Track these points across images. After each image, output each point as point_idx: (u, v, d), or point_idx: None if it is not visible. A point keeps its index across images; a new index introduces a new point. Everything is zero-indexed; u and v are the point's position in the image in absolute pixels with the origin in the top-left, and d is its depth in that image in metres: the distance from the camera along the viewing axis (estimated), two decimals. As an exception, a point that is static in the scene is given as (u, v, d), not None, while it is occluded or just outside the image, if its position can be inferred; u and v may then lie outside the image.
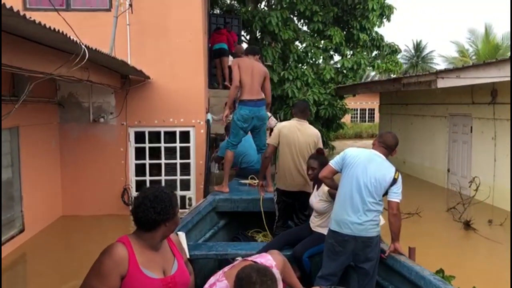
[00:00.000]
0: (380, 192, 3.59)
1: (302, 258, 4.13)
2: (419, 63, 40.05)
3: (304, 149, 4.82)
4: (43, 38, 3.50)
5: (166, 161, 8.71)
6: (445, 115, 11.56)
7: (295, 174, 4.84)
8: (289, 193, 4.88)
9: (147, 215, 2.16)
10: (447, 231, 7.92)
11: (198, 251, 4.14)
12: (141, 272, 2.14)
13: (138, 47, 8.24)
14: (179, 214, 2.36)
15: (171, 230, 2.30)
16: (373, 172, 3.59)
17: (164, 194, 2.22)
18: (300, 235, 4.36)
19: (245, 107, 5.52)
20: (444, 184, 11.52)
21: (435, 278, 3.13)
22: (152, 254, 2.22)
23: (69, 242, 7.39)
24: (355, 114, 33.05)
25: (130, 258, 2.13)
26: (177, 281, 2.26)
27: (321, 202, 4.19)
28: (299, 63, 14.87)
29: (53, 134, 8.16)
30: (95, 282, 2.08)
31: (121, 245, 2.15)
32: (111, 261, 2.09)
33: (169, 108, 8.44)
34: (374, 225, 3.61)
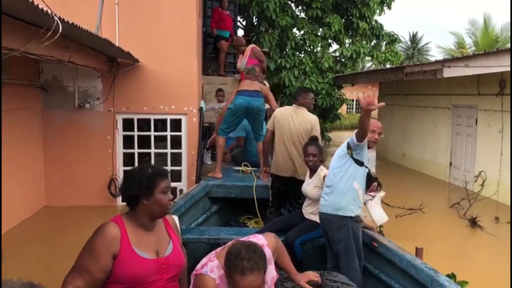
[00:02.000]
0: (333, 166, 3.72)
1: (294, 245, 4.15)
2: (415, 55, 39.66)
3: (294, 135, 4.86)
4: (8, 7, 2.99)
5: (156, 151, 8.21)
6: (448, 107, 11.12)
7: (286, 160, 4.89)
8: (281, 178, 4.94)
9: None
10: (453, 229, 7.52)
11: (191, 235, 4.19)
12: (133, 251, 2.13)
13: (127, 28, 7.69)
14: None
15: (154, 210, 2.23)
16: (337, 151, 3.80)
17: (140, 170, 2.27)
18: (293, 222, 4.40)
19: (240, 96, 5.69)
20: (445, 178, 11.11)
21: (427, 267, 3.11)
22: (145, 234, 2.21)
23: (51, 235, 6.86)
24: (351, 104, 32.59)
25: (122, 237, 2.13)
26: (171, 262, 2.25)
27: (315, 189, 4.20)
28: (296, 51, 14.37)
29: (35, 120, 7.64)
30: (87, 261, 2.08)
31: (114, 224, 2.15)
32: (103, 240, 2.09)
33: (159, 94, 7.92)
34: (336, 208, 3.64)
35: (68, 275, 2.11)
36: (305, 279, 2.79)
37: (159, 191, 2.22)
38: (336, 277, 2.96)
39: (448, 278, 2.99)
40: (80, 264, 2.10)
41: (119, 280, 2.12)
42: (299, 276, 2.79)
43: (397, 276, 3.48)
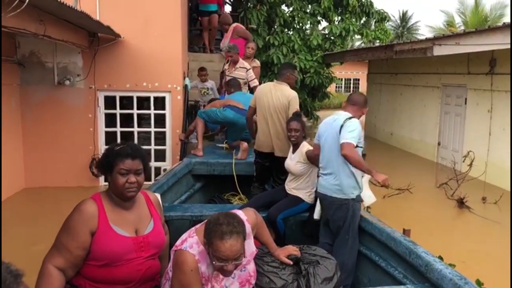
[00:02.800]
0: (337, 148, 3.61)
1: (277, 220, 4.17)
2: (404, 34, 39.44)
3: (272, 111, 4.79)
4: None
5: (139, 129, 7.99)
6: (437, 86, 10.98)
7: (266, 135, 4.87)
8: (262, 154, 4.95)
9: (97, 164, 2.29)
10: (441, 209, 7.44)
11: (173, 212, 4.14)
12: (111, 229, 2.13)
13: (108, 2, 7.38)
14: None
15: (114, 190, 2.23)
16: (330, 130, 3.73)
17: (116, 145, 2.25)
18: (275, 198, 4.41)
19: (231, 110, 5.69)
20: (433, 158, 11.05)
21: (405, 239, 3.16)
22: (123, 213, 2.21)
23: (31, 216, 6.64)
24: (340, 84, 32.38)
25: (100, 214, 2.13)
26: (150, 241, 2.25)
27: (298, 164, 4.24)
28: (285, 28, 14.08)
29: (12, 97, 7.33)
30: (65, 239, 2.08)
31: (92, 201, 2.15)
32: (80, 217, 2.09)
33: (142, 71, 7.66)
34: (337, 189, 3.66)
35: (47, 254, 2.10)
36: (284, 253, 2.80)
37: (116, 172, 2.19)
38: (315, 251, 2.98)
39: (426, 250, 2.99)
40: (58, 242, 2.10)
41: (97, 257, 2.12)
42: (278, 250, 2.80)
43: (377, 249, 3.52)
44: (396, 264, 3.26)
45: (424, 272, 2.84)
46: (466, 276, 2.63)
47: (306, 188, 4.30)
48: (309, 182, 4.32)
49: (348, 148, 3.47)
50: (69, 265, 2.08)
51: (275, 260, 2.76)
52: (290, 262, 2.76)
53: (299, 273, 2.78)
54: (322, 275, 2.74)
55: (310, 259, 2.87)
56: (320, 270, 2.77)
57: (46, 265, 2.06)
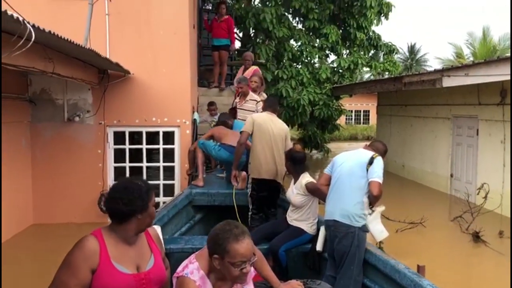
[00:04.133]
0: (355, 176, 3.68)
1: (279, 252, 4.15)
2: (413, 66, 39.63)
3: (278, 140, 5.00)
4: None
5: (148, 164, 7.97)
6: (448, 117, 10.90)
7: (270, 162, 4.95)
8: (263, 181, 4.97)
9: (116, 207, 2.12)
10: (455, 244, 7.24)
11: (174, 245, 4.10)
12: (112, 266, 2.08)
13: (118, 39, 7.50)
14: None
15: (146, 223, 2.23)
16: (351, 159, 3.82)
17: (134, 185, 2.18)
18: (277, 229, 4.40)
19: (225, 150, 5.77)
20: (446, 190, 10.85)
21: (410, 271, 3.11)
22: (125, 248, 2.17)
23: (38, 253, 6.56)
24: (350, 115, 32.42)
25: (101, 251, 2.07)
26: (152, 277, 2.21)
27: (298, 196, 4.25)
28: (293, 62, 14.26)
29: (23, 134, 7.40)
30: (65, 276, 2.02)
31: (93, 237, 2.09)
32: (81, 254, 2.03)
33: (151, 106, 7.70)
34: (344, 214, 3.65)
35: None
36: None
37: (152, 204, 2.23)
38: (320, 285, 2.94)
39: (431, 283, 2.92)
40: (58, 279, 2.04)
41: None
42: (281, 285, 2.75)
43: (381, 282, 3.48)
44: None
45: None
46: None
47: (308, 219, 4.25)
48: (311, 213, 4.26)
49: (380, 188, 3.65)
50: None
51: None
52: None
53: None
54: (325, 310, 2.66)
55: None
56: None
57: None
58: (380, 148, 3.99)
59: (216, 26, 10.30)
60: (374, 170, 3.66)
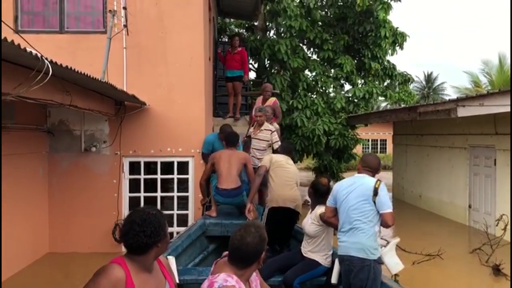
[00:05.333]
0: (364, 207, 3.66)
1: (293, 285, 4.12)
2: (430, 94, 39.51)
3: (293, 177, 5.29)
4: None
5: (162, 194, 8.02)
6: (464, 146, 10.78)
7: (288, 193, 5.14)
8: (280, 210, 5.07)
9: (138, 240, 2.12)
10: (475, 277, 7.05)
11: (188, 276, 4.08)
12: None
13: (135, 71, 7.69)
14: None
15: (163, 250, 2.28)
16: (354, 191, 3.75)
17: (152, 216, 2.19)
18: (291, 261, 4.39)
19: (218, 195, 5.99)
20: (465, 221, 10.63)
21: None
22: (146, 276, 2.18)
23: (53, 282, 6.59)
24: (367, 144, 32.25)
25: (127, 280, 2.07)
26: None
27: (312, 226, 4.28)
28: (308, 92, 14.32)
29: (41, 164, 7.54)
30: None
31: (118, 266, 2.09)
32: (108, 283, 2.02)
33: (166, 136, 7.81)
34: (359, 248, 3.62)
35: None
36: None
37: (167, 231, 2.29)
38: None
39: None
40: None
41: None
42: None
43: None
44: None
45: None
46: None
47: (323, 251, 4.21)
48: (325, 245, 4.22)
49: (393, 218, 3.71)
50: None
51: None
52: None
53: None
54: None
55: None
56: None
57: None
58: (373, 164, 3.95)
59: (230, 58, 10.50)
60: (382, 201, 3.67)
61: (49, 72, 3.20)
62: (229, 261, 2.37)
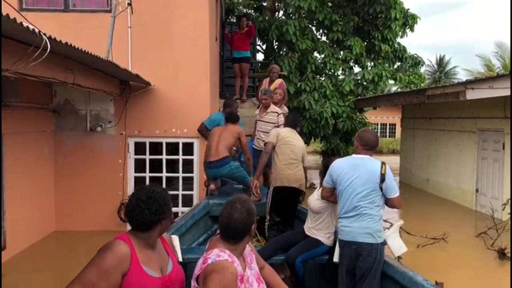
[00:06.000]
0: (371, 194, 3.61)
1: (295, 263, 4.13)
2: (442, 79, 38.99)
3: (299, 153, 5.21)
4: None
5: (167, 175, 8.03)
6: (473, 130, 10.64)
7: (293, 172, 5.09)
8: (285, 190, 5.05)
9: (143, 217, 2.16)
10: (479, 260, 7.01)
11: (191, 255, 4.06)
12: (142, 270, 2.12)
13: (140, 51, 7.64)
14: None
15: (167, 227, 2.32)
16: (359, 177, 3.64)
17: (157, 193, 2.22)
18: (294, 240, 4.37)
19: (208, 169, 6.14)
20: (472, 206, 10.55)
21: (428, 284, 3.07)
22: (150, 253, 2.21)
23: (59, 260, 6.66)
24: (375, 128, 32.05)
25: (132, 256, 2.10)
26: (174, 279, 2.28)
27: (317, 202, 4.24)
28: (317, 74, 14.21)
29: (46, 143, 7.58)
30: (95, 277, 2.01)
31: (123, 242, 2.12)
32: (114, 258, 2.05)
33: (171, 117, 7.79)
34: (367, 233, 3.58)
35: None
36: None
37: (171, 209, 2.32)
38: None
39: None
40: (86, 280, 2.02)
41: None
42: None
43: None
44: None
45: None
46: None
47: (326, 229, 4.19)
48: (329, 223, 4.21)
49: (400, 201, 3.72)
50: None
51: None
52: None
53: None
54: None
55: None
56: None
57: None
58: (373, 142, 3.81)
59: (237, 39, 10.39)
60: (390, 187, 3.63)
61: (47, 48, 3.17)
62: (221, 238, 2.39)
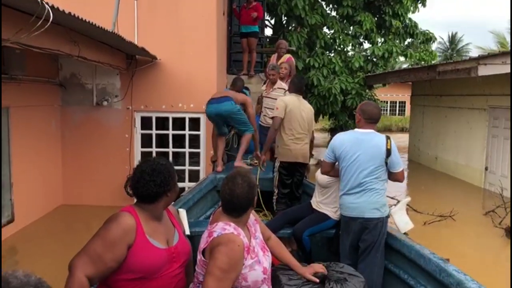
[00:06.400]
0: (377, 170, 3.56)
1: (302, 237, 4.12)
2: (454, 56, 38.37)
3: (306, 123, 5.08)
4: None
5: (174, 150, 8.02)
6: (484, 108, 10.47)
7: (299, 146, 5.03)
8: (292, 165, 5.02)
9: (148, 189, 2.16)
10: (486, 238, 6.98)
11: (199, 228, 4.00)
12: (148, 242, 2.12)
13: (146, 24, 7.55)
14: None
15: (172, 199, 2.32)
16: (365, 154, 3.57)
17: (162, 166, 2.22)
18: (301, 214, 4.36)
19: (209, 105, 5.79)
20: (480, 184, 10.47)
21: (435, 257, 3.03)
22: (156, 225, 2.21)
23: (65, 233, 6.75)
24: (385, 106, 31.76)
25: (137, 227, 2.11)
26: (180, 251, 2.27)
27: (325, 176, 4.17)
28: (326, 50, 13.98)
29: (53, 117, 7.58)
30: (101, 250, 2.01)
31: (128, 214, 2.12)
32: (119, 230, 2.05)
33: (178, 92, 7.74)
34: (373, 208, 3.55)
35: (77, 260, 2.00)
36: (310, 271, 2.67)
37: (176, 181, 2.32)
38: (343, 268, 2.85)
39: (457, 268, 2.83)
40: (92, 252, 2.02)
41: (134, 270, 2.09)
42: (303, 268, 2.69)
43: (405, 267, 3.42)
44: (425, 282, 3.13)
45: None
46: None
47: (333, 204, 4.17)
48: (336, 198, 4.18)
49: (404, 175, 3.73)
50: (99, 276, 2.04)
51: (301, 277, 2.65)
52: (316, 280, 2.62)
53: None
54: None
55: (338, 276, 2.72)
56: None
57: (78, 274, 1.97)
58: (376, 115, 3.73)
59: (245, 14, 10.20)
60: (395, 161, 3.59)
61: (50, 18, 3.11)
62: (223, 211, 2.37)
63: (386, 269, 3.61)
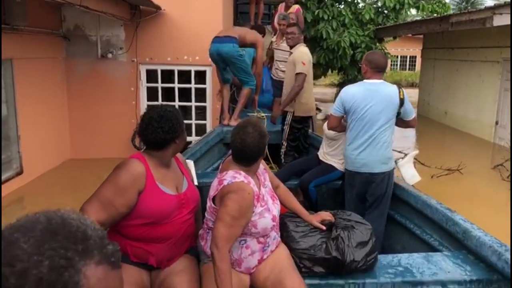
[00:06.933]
0: (387, 123, 3.49)
1: (309, 188, 4.13)
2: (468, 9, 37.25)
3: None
4: None
5: (180, 103, 7.96)
6: (498, 60, 10.20)
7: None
8: (304, 118, 5.05)
9: (156, 135, 2.17)
10: (493, 191, 6.95)
11: (206, 179, 4.00)
12: (158, 188, 2.16)
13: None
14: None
15: (181, 146, 2.33)
16: (377, 105, 3.45)
17: (169, 112, 2.22)
18: (308, 166, 4.37)
19: (212, 44, 5.58)
20: (490, 138, 10.35)
21: (442, 206, 3.04)
22: (165, 171, 2.24)
23: (73, 186, 6.83)
24: (395, 61, 31.18)
25: (147, 174, 2.13)
26: (189, 197, 2.30)
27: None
28: (335, 2, 13.57)
29: (59, 69, 7.51)
30: (112, 195, 2.05)
31: (138, 161, 2.14)
32: (129, 176, 2.08)
33: (183, 44, 7.59)
34: (382, 162, 3.50)
35: (88, 205, 2.05)
36: (317, 219, 2.67)
37: (184, 128, 2.32)
38: (350, 216, 2.82)
39: (463, 217, 2.85)
40: (103, 197, 2.06)
41: (144, 215, 2.12)
42: (310, 216, 2.69)
43: (412, 217, 3.43)
44: (431, 231, 3.16)
45: (462, 239, 2.73)
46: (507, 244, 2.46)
47: (340, 155, 4.15)
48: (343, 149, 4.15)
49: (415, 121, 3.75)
50: (110, 221, 2.08)
51: (308, 224, 2.67)
52: (323, 227, 2.63)
53: (329, 237, 2.63)
54: (356, 239, 2.58)
55: (345, 224, 2.71)
56: (355, 235, 2.60)
57: (89, 216, 1.97)
58: (383, 64, 3.58)
59: None
60: (408, 110, 3.55)
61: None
62: (234, 160, 2.35)
63: (392, 219, 3.63)
